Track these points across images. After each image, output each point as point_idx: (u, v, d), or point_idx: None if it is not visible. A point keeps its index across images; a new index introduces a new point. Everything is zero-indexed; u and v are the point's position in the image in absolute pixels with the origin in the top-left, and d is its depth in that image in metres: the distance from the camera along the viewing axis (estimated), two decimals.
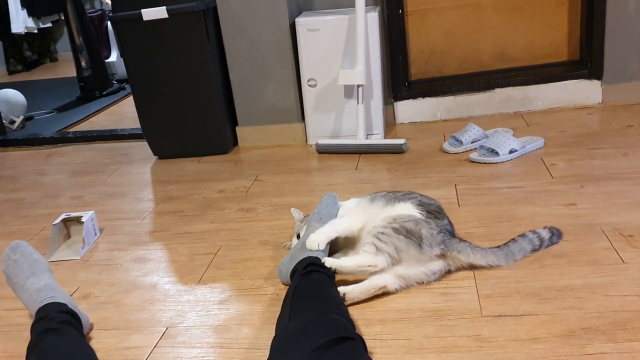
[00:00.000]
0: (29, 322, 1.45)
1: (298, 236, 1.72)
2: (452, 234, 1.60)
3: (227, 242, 1.93)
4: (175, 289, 1.70)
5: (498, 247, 1.60)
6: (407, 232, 1.54)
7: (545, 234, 1.65)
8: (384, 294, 1.52)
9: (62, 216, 2.05)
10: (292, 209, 1.85)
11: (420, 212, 1.61)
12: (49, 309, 1.43)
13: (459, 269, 1.58)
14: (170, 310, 1.59)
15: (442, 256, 1.55)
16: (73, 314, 1.45)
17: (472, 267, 1.57)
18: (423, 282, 1.54)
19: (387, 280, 1.52)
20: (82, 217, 2.03)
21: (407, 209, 1.63)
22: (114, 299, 1.69)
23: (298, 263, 1.55)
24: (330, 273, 1.52)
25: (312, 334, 1.20)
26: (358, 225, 1.66)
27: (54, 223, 2.01)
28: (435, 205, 1.68)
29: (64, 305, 1.46)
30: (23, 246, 1.62)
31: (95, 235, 2.08)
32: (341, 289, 1.49)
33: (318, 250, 1.57)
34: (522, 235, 1.64)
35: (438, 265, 1.55)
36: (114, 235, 2.10)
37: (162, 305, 1.63)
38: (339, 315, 1.29)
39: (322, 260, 1.54)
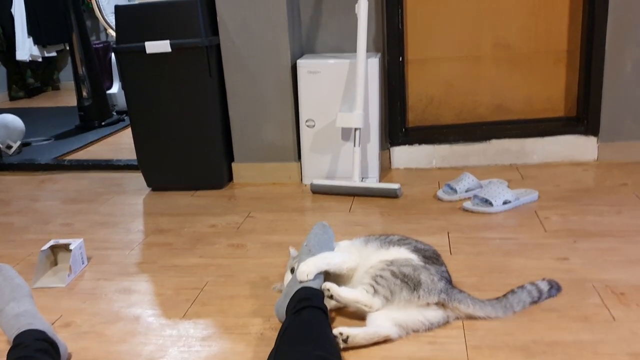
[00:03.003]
0: (7, 347, 1.41)
1: (292, 270, 1.70)
2: (450, 282, 1.59)
3: (214, 278, 1.90)
4: (158, 322, 1.67)
5: (497, 298, 1.58)
6: (404, 277, 1.53)
7: (544, 287, 1.63)
8: (385, 341, 1.49)
9: (51, 242, 2.03)
10: (290, 247, 1.83)
11: (418, 257, 1.61)
12: (26, 336, 1.40)
13: (456, 319, 1.56)
14: (152, 344, 1.56)
15: (441, 305, 1.53)
16: (51, 343, 1.41)
17: (470, 317, 1.55)
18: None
19: (390, 330, 1.49)
20: (70, 244, 2.00)
21: (403, 254, 1.62)
22: (95, 329, 1.65)
23: (291, 299, 1.52)
24: (324, 307, 1.49)
25: None
26: (350, 264, 1.64)
27: (42, 249, 1.98)
28: (431, 251, 1.67)
29: (42, 332, 1.42)
30: (6, 269, 1.60)
31: (83, 263, 2.05)
32: (345, 331, 1.46)
33: (312, 281, 1.55)
34: (521, 287, 1.61)
35: (436, 314, 1.53)
36: (101, 264, 2.07)
37: (143, 338, 1.59)
38: (324, 357, 1.26)
39: (322, 286, 1.53)
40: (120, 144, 3.89)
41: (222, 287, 1.84)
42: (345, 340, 1.46)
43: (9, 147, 3.63)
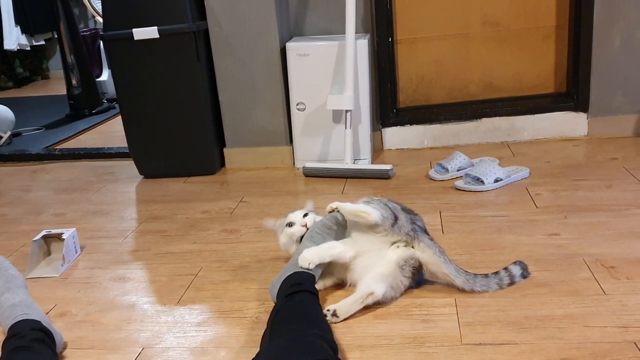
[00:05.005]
0: (2, 338, 1.42)
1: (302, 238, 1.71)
2: (425, 231, 1.66)
3: (208, 264, 1.91)
4: (153, 309, 1.68)
5: (465, 271, 1.60)
6: (388, 207, 1.62)
7: (517, 271, 1.63)
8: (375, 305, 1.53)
9: (43, 232, 2.02)
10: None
11: (394, 203, 1.70)
12: (21, 326, 1.40)
13: (434, 283, 1.61)
14: (148, 331, 1.57)
15: (408, 244, 1.60)
16: (47, 332, 1.42)
17: (444, 280, 1.59)
18: (402, 287, 1.59)
19: (372, 287, 1.53)
20: (63, 234, 2.00)
21: (383, 200, 1.70)
22: (90, 318, 1.66)
23: (283, 282, 1.54)
24: (315, 291, 1.51)
25: (289, 358, 1.18)
26: (350, 253, 1.63)
27: (34, 239, 1.98)
28: (406, 208, 1.73)
29: (37, 322, 1.43)
30: (0, 261, 1.60)
31: (76, 253, 2.06)
32: (332, 307, 1.50)
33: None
34: (495, 273, 1.62)
35: (408, 256, 1.59)
36: (94, 253, 2.08)
37: (139, 325, 1.60)
38: (318, 337, 1.27)
39: (329, 205, 1.68)
40: (111, 132, 3.87)
41: (216, 272, 1.85)
42: (334, 314, 1.50)
43: None
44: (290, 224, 1.72)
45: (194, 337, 1.52)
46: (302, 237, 1.70)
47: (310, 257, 1.58)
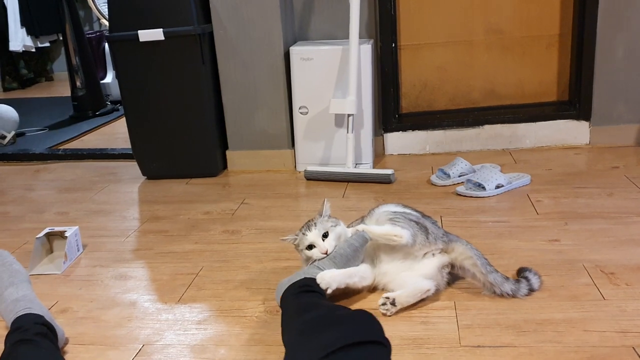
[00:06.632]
0: (5, 332, 1.43)
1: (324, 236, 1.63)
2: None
3: (209, 263, 1.92)
4: (154, 307, 1.68)
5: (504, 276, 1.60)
6: (416, 222, 1.63)
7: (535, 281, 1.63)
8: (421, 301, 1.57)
9: (46, 230, 2.04)
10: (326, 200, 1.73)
11: (411, 210, 1.72)
12: (25, 320, 1.41)
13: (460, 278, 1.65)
14: (148, 328, 1.57)
15: (444, 251, 1.64)
16: (49, 327, 1.43)
17: (472, 275, 1.62)
18: (441, 290, 1.62)
19: (427, 283, 1.56)
20: (65, 231, 2.01)
21: (400, 208, 1.71)
22: (92, 315, 1.67)
23: (294, 284, 1.51)
24: (324, 294, 1.51)
25: (327, 332, 1.10)
26: (368, 281, 1.62)
27: (37, 237, 1.99)
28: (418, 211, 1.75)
29: (40, 317, 1.44)
30: (4, 255, 1.61)
31: (78, 250, 2.07)
32: (391, 295, 1.53)
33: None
34: (517, 281, 1.61)
35: (443, 261, 1.62)
36: (96, 251, 2.08)
37: (140, 322, 1.61)
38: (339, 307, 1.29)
39: (356, 228, 1.63)
40: (115, 133, 3.89)
41: (217, 272, 1.86)
42: (393, 303, 1.52)
43: (3, 137, 3.63)
44: (310, 247, 1.62)
45: (194, 335, 1.53)
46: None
47: (330, 280, 1.53)
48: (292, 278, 1.57)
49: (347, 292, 1.63)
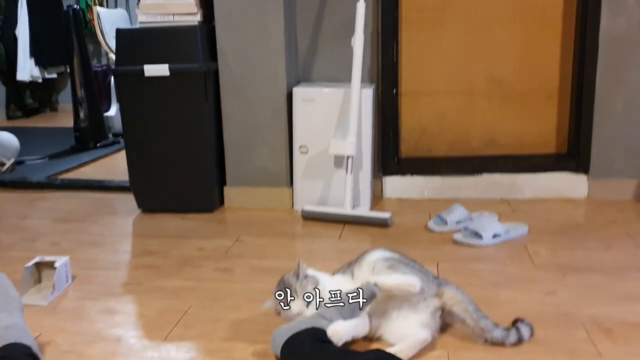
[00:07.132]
0: None
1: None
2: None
3: (199, 301, 1.88)
4: (140, 344, 1.64)
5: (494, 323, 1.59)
6: (412, 267, 1.63)
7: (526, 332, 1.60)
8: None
9: (36, 259, 2.01)
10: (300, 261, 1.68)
11: (399, 255, 1.71)
12: (13, 349, 1.39)
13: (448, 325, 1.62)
14: None
15: (437, 295, 1.62)
16: (36, 359, 1.39)
17: (462, 321, 1.59)
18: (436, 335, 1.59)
19: (424, 333, 1.54)
20: (55, 262, 1.98)
21: (389, 254, 1.69)
22: (76, 349, 1.63)
23: (298, 333, 1.46)
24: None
25: None
26: (367, 330, 1.59)
27: (26, 265, 1.96)
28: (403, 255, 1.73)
29: (29, 348, 1.41)
30: (2, 279, 1.59)
31: (67, 282, 2.03)
32: (390, 349, 1.49)
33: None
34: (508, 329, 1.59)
35: (436, 305, 1.60)
36: (86, 284, 2.05)
37: (124, 359, 1.57)
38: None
39: (369, 280, 1.57)
40: (114, 166, 3.89)
41: (206, 310, 1.82)
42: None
43: (2, 164, 3.62)
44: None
45: None
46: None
47: (343, 334, 1.49)
48: (293, 327, 1.50)
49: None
